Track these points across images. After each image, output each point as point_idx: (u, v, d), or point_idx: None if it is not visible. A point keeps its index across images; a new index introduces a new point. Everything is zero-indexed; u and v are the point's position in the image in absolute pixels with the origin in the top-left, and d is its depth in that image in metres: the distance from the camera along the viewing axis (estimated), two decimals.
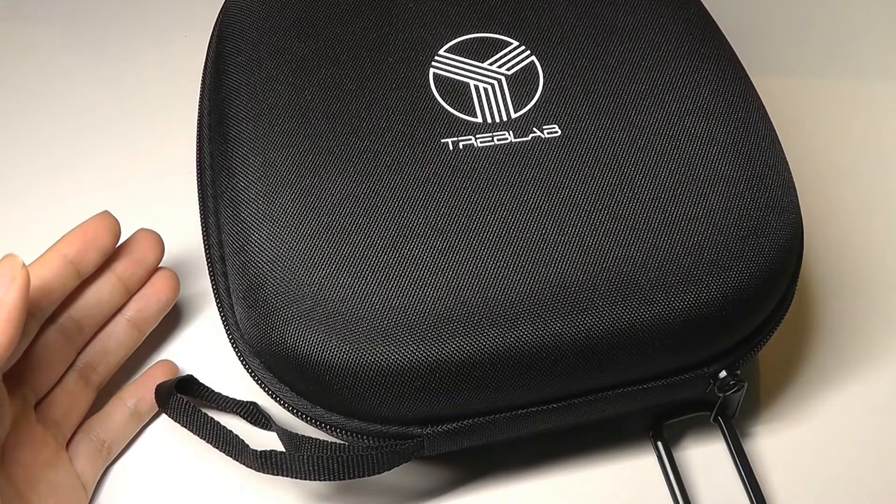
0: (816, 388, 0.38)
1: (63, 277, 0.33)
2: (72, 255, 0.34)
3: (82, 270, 0.34)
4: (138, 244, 0.37)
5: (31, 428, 0.33)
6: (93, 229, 0.35)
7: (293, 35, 0.36)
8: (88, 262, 0.34)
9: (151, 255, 0.37)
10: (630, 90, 0.35)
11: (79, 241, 0.34)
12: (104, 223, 0.35)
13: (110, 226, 0.35)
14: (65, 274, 0.33)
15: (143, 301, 0.37)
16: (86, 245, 0.34)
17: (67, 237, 0.34)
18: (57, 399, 0.34)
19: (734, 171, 0.33)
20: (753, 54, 0.46)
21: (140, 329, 0.37)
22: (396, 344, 0.29)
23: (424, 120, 0.34)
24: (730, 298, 0.31)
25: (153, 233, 0.37)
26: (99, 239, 0.35)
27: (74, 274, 0.34)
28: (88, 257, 0.34)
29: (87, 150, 0.46)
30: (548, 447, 0.36)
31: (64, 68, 0.49)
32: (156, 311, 0.37)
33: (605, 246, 0.31)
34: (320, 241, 0.31)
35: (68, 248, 0.34)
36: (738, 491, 0.35)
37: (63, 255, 0.34)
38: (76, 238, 0.34)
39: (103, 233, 0.35)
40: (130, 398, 0.36)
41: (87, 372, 0.36)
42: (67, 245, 0.34)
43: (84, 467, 0.34)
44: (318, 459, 0.31)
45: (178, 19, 0.52)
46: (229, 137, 0.34)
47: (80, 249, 0.34)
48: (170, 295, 0.38)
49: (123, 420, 0.36)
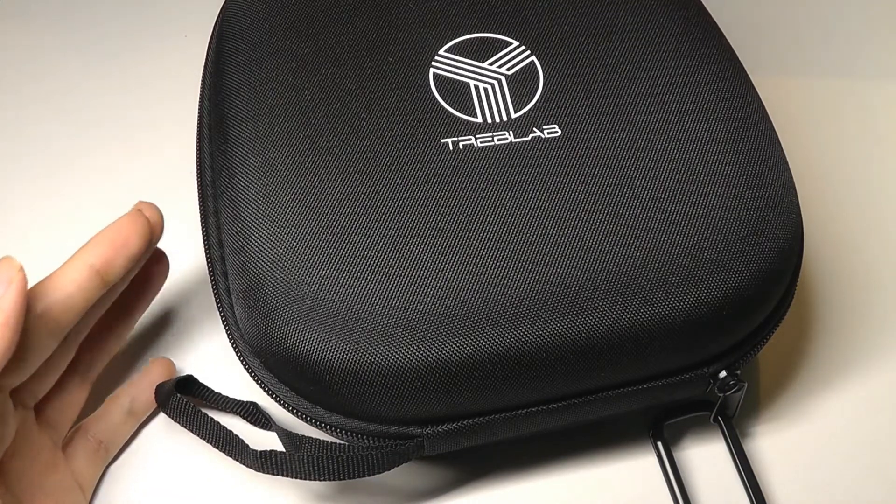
0: (816, 388, 0.38)
1: (87, 291, 0.30)
2: (99, 265, 0.31)
3: (108, 280, 0.31)
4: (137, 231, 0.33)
5: (29, 434, 0.32)
6: (122, 234, 0.31)
7: (293, 35, 0.36)
8: (116, 271, 0.31)
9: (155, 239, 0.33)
10: (630, 90, 0.35)
11: (107, 247, 0.31)
12: (135, 226, 0.32)
13: (142, 228, 0.32)
14: (89, 287, 0.31)
15: (132, 285, 0.34)
16: (115, 252, 0.31)
17: (95, 241, 0.31)
18: (53, 399, 0.34)
19: (734, 171, 0.33)
20: (753, 54, 0.46)
21: (132, 315, 0.36)
22: (396, 344, 0.29)
23: (424, 120, 0.34)
24: (730, 298, 0.31)
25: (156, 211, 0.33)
26: (130, 245, 0.31)
27: (100, 285, 0.31)
28: (117, 266, 0.31)
29: (86, 149, 0.46)
30: (548, 447, 0.36)
31: (64, 67, 0.49)
32: (146, 294, 0.36)
33: (605, 246, 0.31)
34: (320, 240, 0.31)
35: (95, 256, 0.31)
36: (738, 491, 0.35)
37: (90, 266, 0.31)
38: (104, 244, 0.31)
39: (134, 237, 0.32)
40: (126, 397, 0.36)
41: (84, 367, 0.35)
42: (95, 253, 0.31)
43: (82, 468, 0.34)
44: (318, 459, 0.31)
45: (178, 19, 0.52)
46: (229, 137, 0.34)
47: (109, 258, 0.31)
48: (161, 276, 0.36)
49: (120, 419, 0.35)
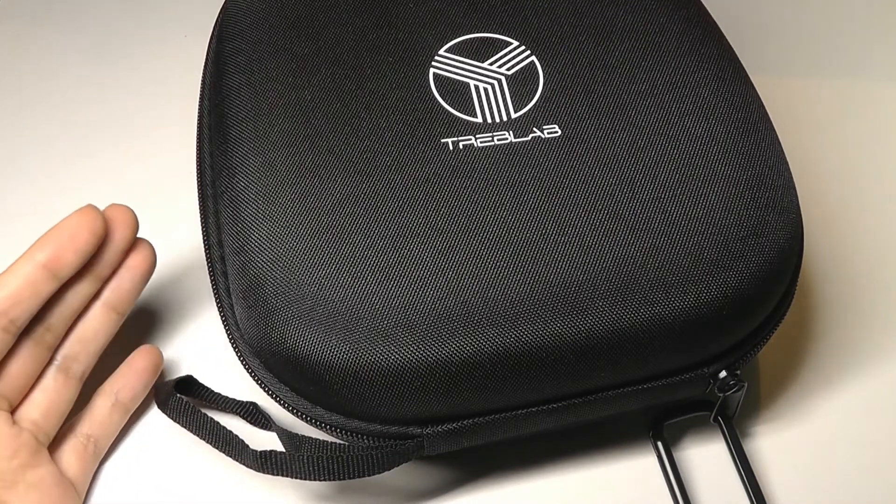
0: (816, 388, 0.38)
1: (35, 285, 0.31)
2: (45, 260, 0.31)
3: (59, 275, 0.32)
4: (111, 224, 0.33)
5: (5, 433, 0.32)
6: (69, 229, 0.32)
7: (293, 35, 0.36)
8: (66, 265, 0.32)
9: (122, 234, 0.34)
10: (630, 90, 0.35)
11: (54, 243, 0.32)
12: (83, 221, 0.32)
13: (91, 223, 0.32)
14: (37, 281, 0.31)
15: (115, 281, 0.34)
16: (62, 247, 0.31)
17: (42, 239, 0.32)
18: (35, 400, 0.33)
19: (734, 171, 0.33)
20: (753, 54, 0.46)
21: (117, 310, 0.35)
22: (396, 344, 0.29)
23: (424, 120, 0.34)
24: (730, 298, 0.31)
25: (123, 208, 0.34)
26: (77, 240, 0.32)
27: (50, 279, 0.31)
28: (66, 260, 0.32)
29: (86, 149, 0.46)
30: (548, 447, 0.36)
31: (64, 67, 0.49)
32: (131, 289, 0.35)
33: (605, 246, 0.31)
34: (320, 240, 0.31)
35: (41, 251, 0.31)
36: (738, 491, 0.35)
37: (35, 261, 0.31)
38: (51, 240, 0.32)
39: (82, 232, 0.32)
40: (111, 388, 0.35)
41: (66, 364, 0.34)
42: (41, 248, 0.31)
43: (70, 464, 0.34)
44: (318, 459, 0.31)
45: (178, 19, 0.52)
46: (229, 137, 0.34)
47: (55, 253, 0.31)
48: (145, 268, 0.35)
49: (106, 412, 0.35)
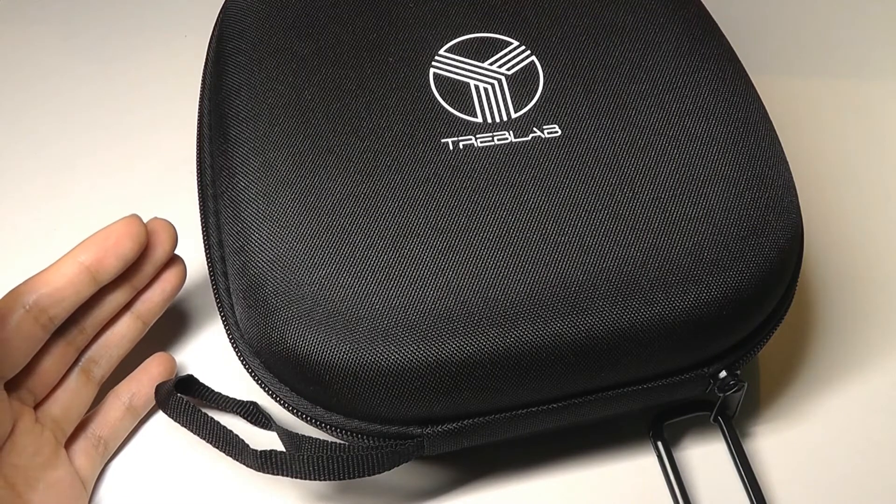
0: (816, 388, 0.38)
1: (77, 285, 0.32)
2: (88, 262, 0.32)
3: (100, 278, 0.33)
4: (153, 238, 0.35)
5: (29, 430, 0.33)
6: (114, 235, 0.33)
7: (293, 35, 0.36)
8: (107, 269, 0.33)
9: (163, 248, 0.35)
10: (630, 90, 0.35)
11: (98, 247, 0.33)
12: (128, 229, 0.33)
13: (135, 233, 0.33)
14: (79, 281, 0.32)
15: (148, 293, 0.36)
16: (105, 252, 0.33)
17: (87, 242, 0.33)
18: (58, 398, 0.34)
19: (734, 171, 0.33)
20: (753, 54, 0.46)
21: (144, 321, 0.36)
22: (396, 344, 0.29)
23: (425, 120, 0.34)
24: (730, 298, 0.31)
25: (165, 222, 0.35)
26: (120, 246, 0.33)
27: (90, 281, 0.33)
28: (107, 265, 0.33)
29: (86, 149, 0.46)
30: (548, 447, 0.36)
31: (64, 67, 0.49)
32: (160, 301, 0.36)
33: (605, 246, 0.31)
34: (320, 240, 0.31)
35: (85, 253, 0.32)
36: (738, 491, 0.35)
37: (79, 262, 0.32)
38: (95, 244, 0.33)
39: (125, 240, 0.33)
40: (125, 394, 0.36)
41: (88, 366, 0.35)
42: (85, 250, 0.33)
43: (82, 464, 0.34)
44: (318, 459, 0.31)
45: (178, 19, 0.52)
46: (229, 137, 0.34)
47: (99, 256, 0.33)
48: (176, 284, 0.36)
49: (119, 416, 0.36)
